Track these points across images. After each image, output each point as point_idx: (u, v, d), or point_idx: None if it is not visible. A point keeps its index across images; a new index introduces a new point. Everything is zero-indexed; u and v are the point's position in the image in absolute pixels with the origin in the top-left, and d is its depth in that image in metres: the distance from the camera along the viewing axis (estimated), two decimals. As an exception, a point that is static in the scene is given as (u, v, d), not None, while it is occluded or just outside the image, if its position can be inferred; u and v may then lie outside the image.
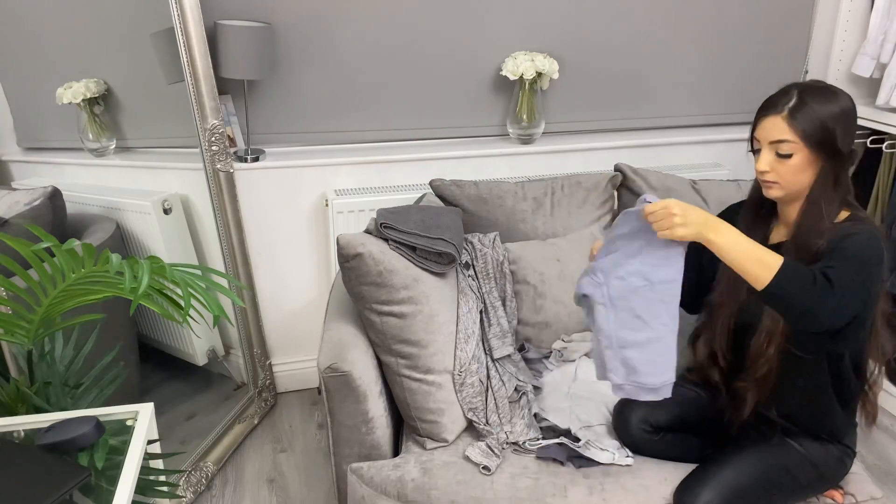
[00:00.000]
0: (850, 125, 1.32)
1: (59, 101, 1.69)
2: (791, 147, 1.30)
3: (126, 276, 1.11)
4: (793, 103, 1.30)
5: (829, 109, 1.29)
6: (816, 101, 1.29)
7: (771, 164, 1.34)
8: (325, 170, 2.20)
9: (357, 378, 1.46)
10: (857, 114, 1.34)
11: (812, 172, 1.33)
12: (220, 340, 2.23)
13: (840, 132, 1.29)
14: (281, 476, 2.06)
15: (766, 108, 1.34)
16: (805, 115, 1.29)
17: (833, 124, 1.29)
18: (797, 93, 1.31)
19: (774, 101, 1.33)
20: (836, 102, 1.30)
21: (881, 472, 2.06)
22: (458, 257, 1.62)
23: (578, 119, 2.45)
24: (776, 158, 1.33)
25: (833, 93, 1.31)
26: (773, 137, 1.32)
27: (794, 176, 1.33)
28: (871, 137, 2.40)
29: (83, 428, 1.21)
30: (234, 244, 2.11)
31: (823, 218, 1.32)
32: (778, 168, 1.33)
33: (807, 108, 1.29)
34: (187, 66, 1.86)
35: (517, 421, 1.59)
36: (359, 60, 2.19)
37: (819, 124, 1.28)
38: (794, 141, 1.30)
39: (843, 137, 1.30)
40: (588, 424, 1.55)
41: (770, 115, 1.32)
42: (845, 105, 1.31)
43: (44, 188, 1.64)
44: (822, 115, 1.29)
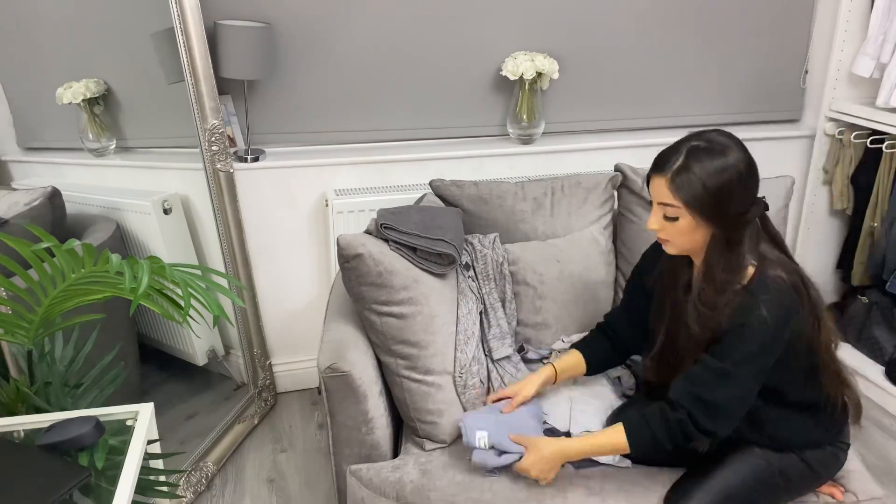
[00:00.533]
0: (744, 185, 1.24)
1: (59, 101, 1.69)
2: (675, 211, 1.26)
3: (126, 276, 1.11)
4: (677, 165, 1.23)
5: (713, 172, 1.21)
6: (702, 164, 1.22)
7: (660, 224, 1.30)
8: (325, 170, 2.20)
9: (357, 378, 1.46)
10: (754, 170, 1.25)
11: (702, 234, 1.28)
12: (220, 340, 2.23)
13: (727, 196, 1.22)
14: (281, 476, 2.06)
15: (655, 166, 1.28)
16: (687, 180, 1.22)
17: (719, 189, 1.21)
18: (685, 152, 1.24)
19: (664, 158, 1.27)
20: (724, 162, 1.22)
21: (881, 472, 2.06)
22: (459, 258, 1.62)
23: (578, 119, 2.45)
24: (665, 219, 1.29)
25: (723, 152, 1.23)
26: (659, 199, 1.28)
27: (682, 237, 1.29)
28: (872, 137, 2.41)
29: (83, 428, 1.21)
30: (234, 244, 2.11)
31: (719, 288, 1.28)
32: (667, 228, 1.29)
33: (689, 174, 1.22)
34: (187, 66, 1.86)
35: None
36: (359, 60, 2.19)
37: (702, 190, 1.22)
38: (678, 206, 1.24)
39: (734, 200, 1.23)
40: (587, 429, 1.55)
41: (657, 175, 1.27)
42: (734, 165, 1.22)
43: (44, 188, 1.64)
44: (706, 179, 1.21)
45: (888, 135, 2.35)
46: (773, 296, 1.26)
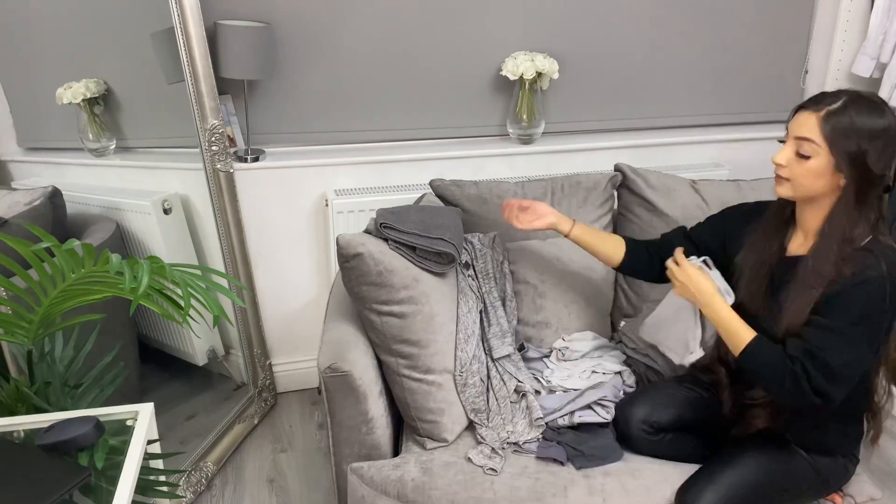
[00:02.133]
0: (889, 148, 1.24)
1: (59, 101, 1.69)
2: (813, 148, 1.25)
3: (126, 276, 1.11)
4: (835, 107, 1.23)
5: (869, 125, 1.22)
6: (860, 113, 1.22)
7: (788, 160, 1.29)
8: (325, 170, 2.20)
9: (357, 378, 1.46)
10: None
11: (827, 182, 1.27)
12: (220, 340, 2.23)
13: (874, 151, 1.22)
14: (281, 476, 2.06)
15: (808, 102, 1.28)
16: (841, 121, 1.22)
17: (868, 141, 1.22)
18: (845, 99, 1.24)
19: (819, 97, 1.27)
20: (881, 120, 1.23)
21: (882, 473, 2.05)
22: (458, 257, 1.62)
23: (578, 119, 2.45)
24: (796, 156, 1.28)
25: (881, 110, 1.24)
26: (800, 133, 1.26)
27: (806, 179, 1.27)
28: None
29: (83, 428, 1.21)
30: (234, 244, 2.11)
31: (843, 242, 1.27)
32: (794, 166, 1.28)
33: (845, 116, 1.22)
34: (187, 66, 1.86)
35: (518, 420, 1.59)
36: (359, 60, 2.19)
37: (852, 136, 1.22)
38: (819, 143, 1.24)
39: (878, 158, 1.23)
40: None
41: (808, 111, 1.27)
42: (891, 125, 1.23)
43: (44, 188, 1.64)
44: (860, 128, 1.22)
45: (888, 134, 2.35)
46: (889, 259, 1.24)
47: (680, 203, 1.95)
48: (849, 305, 1.24)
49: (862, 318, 1.24)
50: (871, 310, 1.24)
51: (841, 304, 1.25)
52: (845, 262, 1.26)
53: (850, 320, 1.24)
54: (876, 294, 1.23)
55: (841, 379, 1.25)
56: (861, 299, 1.24)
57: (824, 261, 1.28)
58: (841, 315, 1.25)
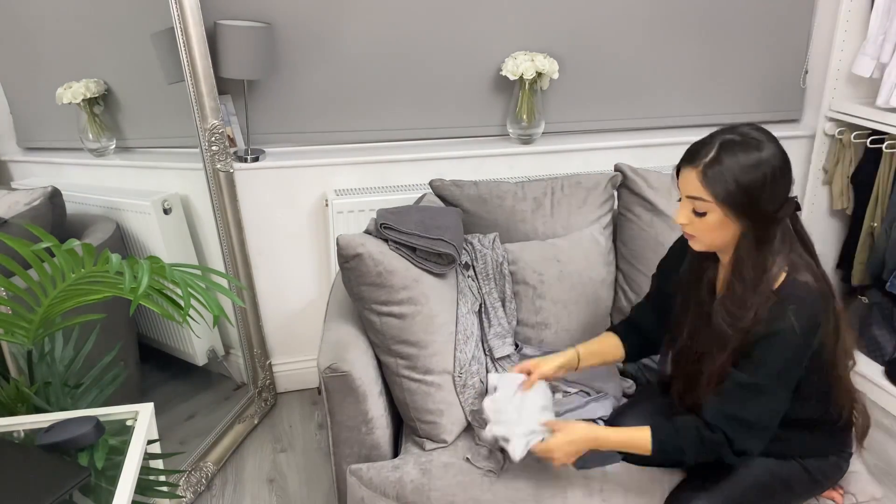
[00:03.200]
0: (776, 180, 1.20)
1: (59, 101, 1.69)
2: (705, 206, 1.22)
3: (126, 276, 1.11)
4: (709, 158, 1.20)
5: (746, 166, 1.18)
6: (734, 158, 1.19)
7: (688, 218, 1.26)
8: (325, 170, 2.20)
9: (357, 378, 1.46)
10: (787, 166, 1.22)
11: (731, 230, 1.25)
12: (220, 340, 2.23)
13: (758, 192, 1.19)
14: (281, 476, 2.06)
15: (686, 159, 1.25)
16: (718, 174, 1.19)
17: (752, 184, 1.18)
18: (717, 145, 1.21)
19: (695, 150, 1.24)
20: (758, 157, 1.19)
21: (881, 473, 2.06)
22: (458, 258, 1.62)
23: (578, 119, 2.45)
24: (693, 213, 1.25)
25: (756, 147, 1.19)
26: (688, 192, 1.24)
27: (710, 233, 1.26)
28: (871, 137, 2.40)
29: (83, 428, 1.22)
30: (234, 244, 2.11)
31: (748, 287, 1.25)
32: (695, 223, 1.26)
33: (721, 167, 1.19)
34: (187, 66, 1.86)
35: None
36: (359, 60, 2.19)
37: (734, 185, 1.18)
38: (708, 199, 1.21)
39: (767, 196, 1.20)
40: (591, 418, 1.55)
41: (687, 168, 1.24)
42: (769, 158, 1.19)
43: (44, 188, 1.64)
44: (738, 174, 1.18)
45: (888, 135, 2.35)
46: (801, 304, 1.23)
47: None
48: (765, 357, 1.25)
49: (778, 369, 1.25)
50: (786, 360, 1.25)
51: (757, 357, 1.25)
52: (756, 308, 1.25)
53: (767, 373, 1.25)
54: (789, 345, 1.23)
55: (762, 430, 1.27)
56: (773, 352, 1.24)
57: (733, 306, 1.27)
58: (758, 369, 1.25)
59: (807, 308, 1.23)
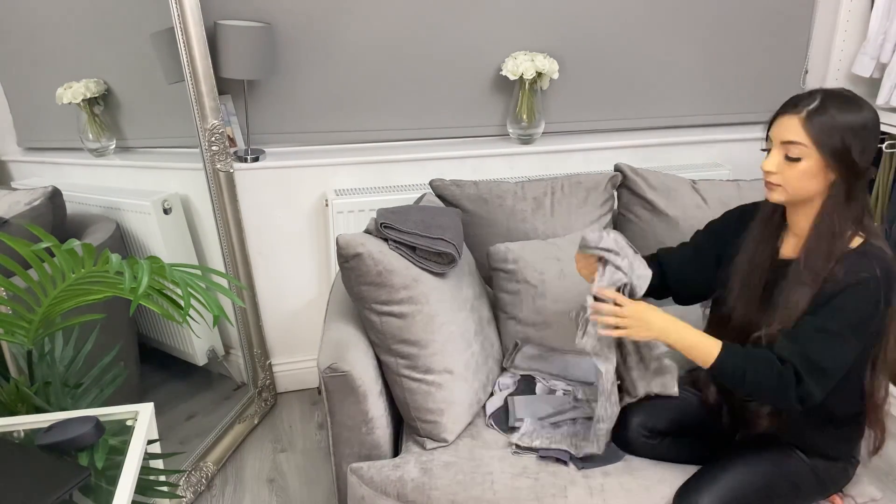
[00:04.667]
0: (871, 140, 1.26)
1: (59, 101, 1.69)
2: (802, 151, 1.25)
3: (126, 276, 1.11)
4: (813, 106, 1.25)
5: (849, 119, 1.24)
6: (838, 109, 1.24)
7: (778, 166, 1.29)
8: (325, 170, 2.20)
9: (357, 378, 1.46)
10: (878, 131, 1.28)
11: (819, 182, 1.27)
12: (220, 340, 2.23)
13: (858, 145, 1.24)
14: (281, 476, 2.06)
15: (785, 107, 1.29)
16: (823, 120, 1.24)
17: (851, 136, 1.23)
18: (821, 97, 1.26)
19: (796, 100, 1.28)
20: (859, 114, 1.25)
21: (881, 473, 2.05)
22: (458, 257, 1.62)
23: (578, 119, 2.45)
24: (785, 160, 1.28)
25: (858, 104, 1.26)
26: (786, 138, 1.27)
27: (799, 182, 1.28)
28: (871, 137, 2.40)
29: (83, 428, 1.21)
30: (234, 244, 2.11)
31: (835, 237, 1.27)
32: (785, 171, 1.28)
33: (826, 114, 1.24)
34: (187, 66, 1.86)
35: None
36: (359, 60, 2.19)
37: (836, 133, 1.23)
38: (807, 145, 1.25)
39: (861, 151, 1.24)
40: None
41: (788, 115, 1.28)
42: (868, 118, 1.25)
43: (44, 188, 1.64)
44: (842, 124, 1.23)
45: (888, 135, 2.35)
46: (883, 263, 1.25)
47: (680, 203, 1.95)
48: (843, 306, 1.25)
49: (855, 319, 1.25)
50: (864, 312, 1.25)
51: (835, 305, 1.25)
52: (838, 263, 1.27)
53: (844, 321, 1.25)
54: (869, 297, 1.24)
55: (828, 377, 1.26)
56: (854, 301, 1.24)
57: (816, 258, 1.28)
58: (834, 316, 1.25)
59: (886, 266, 1.25)
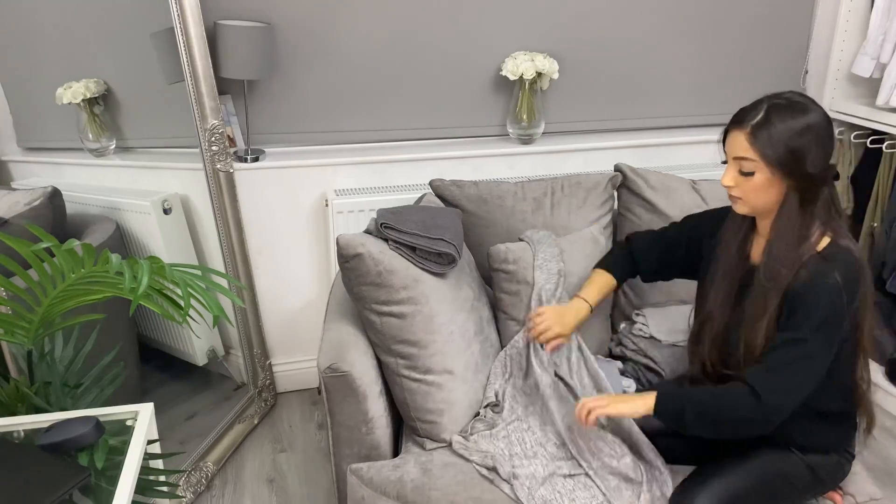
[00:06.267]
0: (821, 142, 1.25)
1: (59, 101, 1.69)
2: (752, 165, 1.26)
3: (126, 277, 1.11)
4: (757, 120, 1.25)
5: (793, 127, 1.23)
6: (780, 119, 1.23)
7: (735, 180, 1.31)
8: (325, 170, 2.20)
9: (357, 378, 1.46)
10: (831, 131, 1.27)
11: (776, 191, 1.28)
12: (220, 340, 2.23)
13: (808, 153, 1.23)
14: (281, 476, 2.06)
15: (734, 121, 1.30)
16: (767, 133, 1.24)
17: (799, 145, 1.23)
18: (765, 108, 1.26)
19: (742, 114, 1.29)
20: (805, 120, 1.23)
21: (881, 472, 2.06)
22: (458, 258, 1.62)
23: (578, 119, 2.45)
24: (739, 175, 1.29)
25: (802, 109, 1.24)
26: (736, 153, 1.28)
27: (756, 194, 1.29)
28: (872, 137, 2.40)
29: (83, 428, 1.21)
30: (234, 244, 2.11)
31: (795, 244, 1.28)
32: (741, 184, 1.30)
33: (770, 127, 1.24)
34: (187, 66, 1.86)
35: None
36: (359, 60, 2.19)
37: (781, 144, 1.23)
38: (755, 160, 1.26)
39: (813, 158, 1.24)
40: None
41: (735, 130, 1.29)
42: (816, 123, 1.24)
43: (44, 188, 1.64)
44: (786, 134, 1.23)
45: (888, 135, 2.35)
46: (846, 264, 1.26)
47: (680, 203, 1.95)
48: (807, 312, 1.26)
49: (820, 322, 1.25)
50: (828, 315, 1.25)
51: (800, 313, 1.26)
52: (803, 268, 1.27)
53: (809, 326, 1.25)
54: (831, 301, 1.25)
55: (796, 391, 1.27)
56: (820, 303, 1.25)
57: (778, 265, 1.29)
58: (800, 324, 1.26)
59: (851, 270, 1.26)
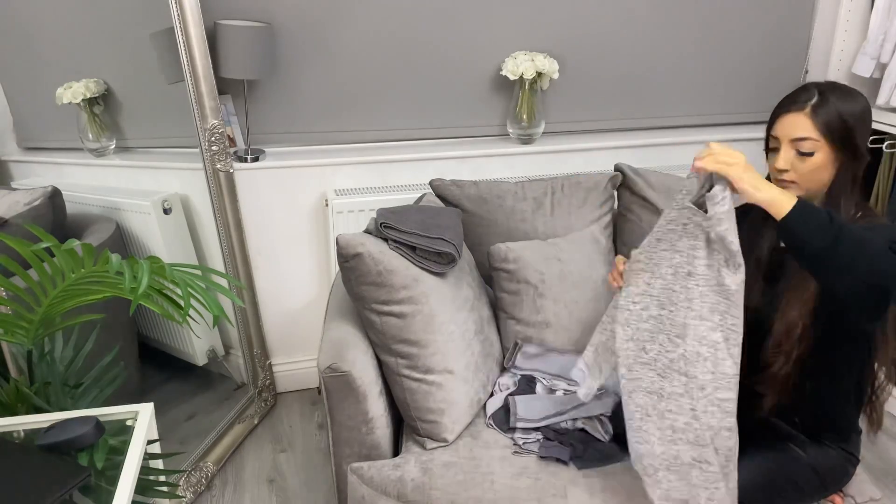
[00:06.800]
0: (868, 125, 1.32)
1: (59, 101, 1.69)
2: (813, 145, 1.30)
3: (126, 276, 1.11)
4: (815, 100, 1.30)
5: (850, 107, 1.29)
6: (838, 99, 1.29)
7: (791, 163, 1.32)
8: (325, 170, 2.20)
9: (357, 378, 1.46)
10: (871, 115, 1.34)
11: (830, 171, 1.32)
12: (220, 340, 2.23)
13: (860, 131, 1.30)
14: (281, 476, 2.06)
15: (786, 105, 1.33)
16: (828, 112, 1.29)
17: (853, 122, 1.29)
18: (818, 91, 1.31)
19: (795, 97, 1.32)
20: (856, 101, 1.30)
21: (881, 473, 2.06)
22: (458, 257, 1.62)
23: (578, 119, 2.45)
24: (796, 156, 1.32)
25: (851, 92, 1.31)
26: (795, 135, 1.31)
27: (813, 174, 1.32)
28: (871, 137, 2.40)
29: (83, 428, 1.21)
30: (234, 244, 2.11)
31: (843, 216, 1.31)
32: (798, 167, 1.32)
33: (829, 106, 1.29)
34: (187, 66, 1.86)
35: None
36: (359, 60, 2.19)
37: (842, 122, 1.28)
38: (817, 138, 1.29)
39: (862, 136, 1.30)
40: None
41: (791, 112, 1.31)
42: (864, 104, 1.31)
43: (44, 188, 1.64)
44: (844, 112, 1.29)
45: (888, 135, 2.35)
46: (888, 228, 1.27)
47: (680, 203, 1.94)
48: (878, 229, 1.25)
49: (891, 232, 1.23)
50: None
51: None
52: None
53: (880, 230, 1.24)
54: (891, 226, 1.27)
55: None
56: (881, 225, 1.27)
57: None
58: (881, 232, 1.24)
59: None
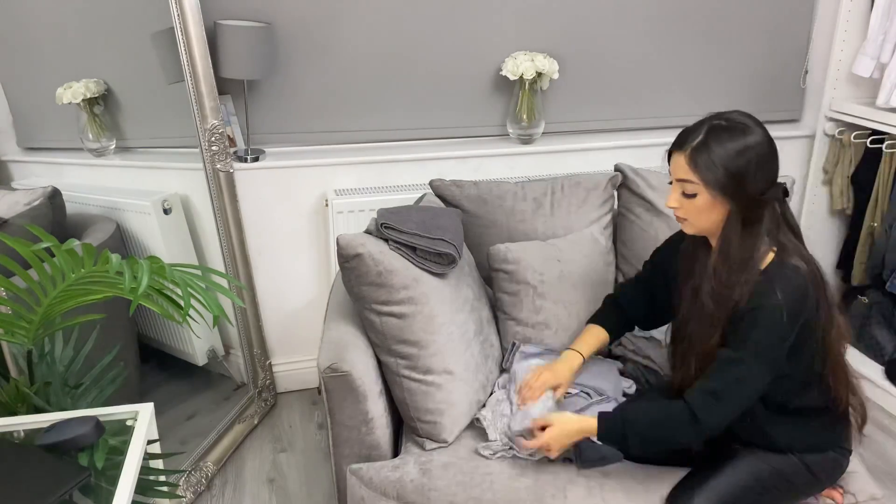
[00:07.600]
0: (762, 165, 1.25)
1: (59, 101, 1.69)
2: (693, 188, 1.27)
3: (126, 276, 1.11)
4: (696, 143, 1.25)
5: (734, 150, 1.23)
6: (721, 142, 1.24)
7: (679, 201, 1.31)
8: (325, 170, 2.20)
9: (357, 378, 1.46)
10: (774, 150, 1.27)
11: (719, 212, 1.29)
12: (220, 340, 2.23)
13: (748, 174, 1.23)
14: (281, 476, 2.06)
15: (676, 143, 1.30)
16: (705, 157, 1.24)
17: (738, 167, 1.23)
18: (705, 130, 1.26)
19: (684, 136, 1.29)
20: (744, 142, 1.23)
21: (881, 472, 2.06)
22: (458, 258, 1.62)
23: (578, 119, 2.45)
24: (683, 196, 1.30)
25: (743, 131, 1.24)
26: (678, 175, 1.29)
27: (699, 215, 1.30)
28: (872, 137, 2.40)
29: (83, 428, 1.22)
30: (234, 244, 2.11)
31: (735, 269, 1.28)
32: (685, 205, 1.30)
33: (708, 150, 1.24)
34: (187, 66, 1.86)
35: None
36: (359, 60, 2.19)
37: (719, 167, 1.23)
38: (696, 182, 1.26)
39: (753, 179, 1.24)
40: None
41: (676, 152, 1.29)
42: (756, 144, 1.24)
43: (44, 188, 1.64)
44: (723, 157, 1.23)
45: (888, 135, 2.35)
46: (788, 283, 1.26)
47: (680, 203, 1.95)
48: (747, 331, 1.26)
49: (759, 345, 1.26)
50: (768, 337, 1.26)
51: (740, 331, 1.28)
52: (743, 285, 1.28)
53: (747, 346, 1.26)
54: (771, 322, 1.25)
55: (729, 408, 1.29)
56: (759, 326, 1.26)
57: (720, 285, 1.30)
58: (740, 342, 1.27)
59: (793, 288, 1.26)
